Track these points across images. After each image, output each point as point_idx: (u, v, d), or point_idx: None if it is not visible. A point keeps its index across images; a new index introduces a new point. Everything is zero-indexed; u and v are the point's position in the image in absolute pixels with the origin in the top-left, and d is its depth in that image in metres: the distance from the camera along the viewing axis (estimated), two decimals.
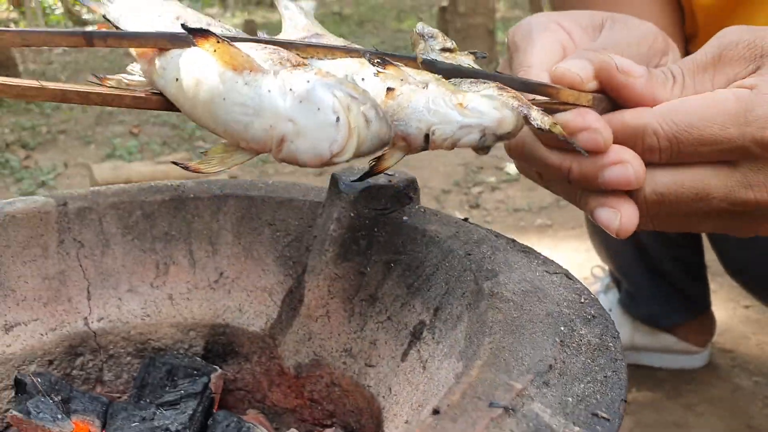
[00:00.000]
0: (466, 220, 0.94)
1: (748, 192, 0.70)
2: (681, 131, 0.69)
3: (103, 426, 0.91)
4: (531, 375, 0.60)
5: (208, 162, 0.61)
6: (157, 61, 0.66)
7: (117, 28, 0.73)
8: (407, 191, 0.96)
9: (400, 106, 0.63)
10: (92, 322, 0.99)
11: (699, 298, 2.10)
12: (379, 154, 0.68)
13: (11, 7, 9.96)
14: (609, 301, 2.17)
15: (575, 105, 0.76)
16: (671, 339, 2.10)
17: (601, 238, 2.00)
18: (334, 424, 0.97)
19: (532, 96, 0.76)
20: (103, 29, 0.67)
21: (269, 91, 0.57)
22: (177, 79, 0.63)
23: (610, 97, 0.76)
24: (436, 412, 0.56)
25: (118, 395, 1.00)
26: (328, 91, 0.56)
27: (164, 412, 0.84)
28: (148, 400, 0.93)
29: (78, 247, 1.00)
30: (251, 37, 0.70)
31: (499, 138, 0.62)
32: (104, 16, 0.75)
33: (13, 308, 0.96)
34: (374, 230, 0.93)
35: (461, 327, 0.76)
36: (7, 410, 0.94)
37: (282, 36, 0.86)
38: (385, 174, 0.97)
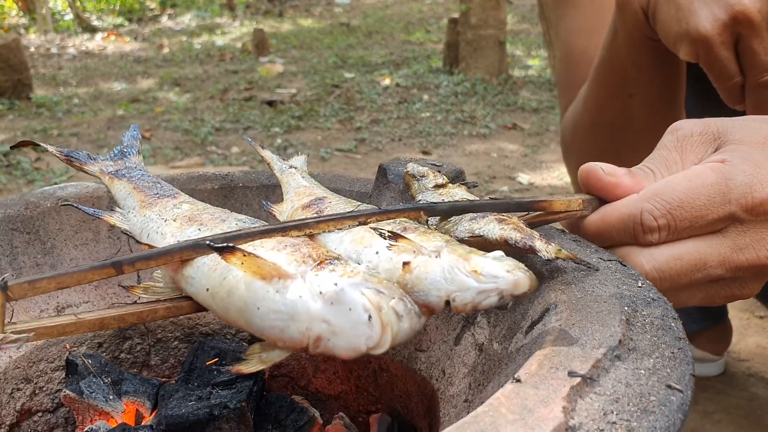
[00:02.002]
0: None
1: (740, 255, 0.75)
2: (674, 207, 0.75)
3: (154, 408, 0.92)
4: (603, 349, 0.61)
5: (247, 363, 0.62)
6: (183, 271, 0.68)
7: (138, 241, 0.75)
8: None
9: (418, 279, 0.65)
10: None
11: (716, 307, 2.11)
12: None
13: (21, 13, 10.03)
14: None
15: (567, 212, 0.83)
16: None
17: None
18: (379, 410, 0.98)
19: (526, 213, 0.82)
20: (130, 255, 0.66)
21: (300, 296, 0.59)
22: (207, 289, 0.65)
23: (600, 197, 0.82)
24: (517, 380, 0.57)
25: (164, 379, 1.01)
26: (356, 291, 0.58)
27: (220, 391, 0.85)
28: (196, 384, 0.94)
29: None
30: (267, 228, 0.71)
31: (517, 297, 0.64)
32: (116, 227, 0.77)
33: (65, 290, 0.97)
34: None
35: (521, 309, 0.77)
36: (58, 390, 0.95)
37: (286, 203, 0.89)
38: (434, 164, 0.99)
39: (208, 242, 0.64)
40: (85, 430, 0.87)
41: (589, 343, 0.62)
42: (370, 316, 0.57)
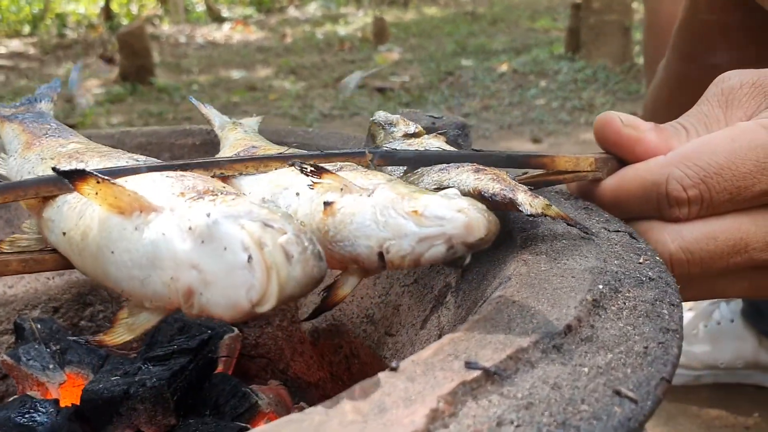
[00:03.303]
0: None
1: None
2: (710, 175, 0.58)
3: None
4: (537, 335, 0.45)
5: (113, 332, 0.50)
6: (44, 213, 0.55)
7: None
8: (456, 137, 0.81)
9: (342, 223, 0.50)
10: None
11: None
12: (329, 282, 0.55)
13: (159, 5, 10.49)
14: (731, 310, 1.91)
15: (575, 172, 0.67)
16: None
17: None
18: None
19: (522, 171, 0.68)
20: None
21: (163, 234, 0.45)
22: (64, 233, 0.52)
23: (618, 156, 0.67)
24: (393, 369, 0.42)
25: (128, 351, 0.91)
26: (234, 224, 0.43)
27: (150, 367, 0.74)
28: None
29: None
30: (159, 164, 0.57)
31: (472, 246, 0.48)
32: None
33: None
34: None
35: (483, 285, 0.61)
36: None
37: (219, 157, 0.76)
38: (432, 116, 0.84)
39: (52, 167, 0.52)
40: (9, 400, 0.78)
41: (520, 328, 0.46)
42: (250, 257, 0.42)
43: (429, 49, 6.94)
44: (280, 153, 0.63)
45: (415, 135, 0.71)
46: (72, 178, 0.47)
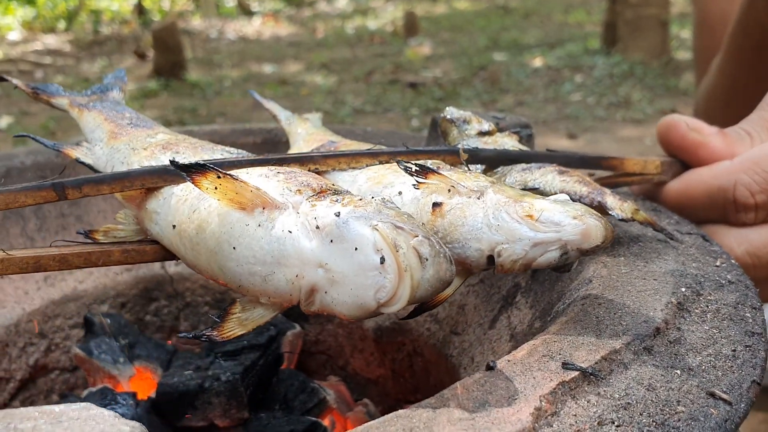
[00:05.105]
0: None
1: None
2: None
3: None
4: (628, 337, 0.45)
5: (225, 327, 0.50)
6: (147, 205, 0.56)
7: (96, 172, 0.64)
8: (525, 137, 0.82)
9: (452, 225, 0.51)
10: (170, 266, 0.93)
11: None
12: None
13: (190, 1, 10.57)
14: None
15: (642, 174, 0.70)
16: None
17: None
18: (418, 400, 0.85)
19: (592, 172, 0.70)
20: (78, 177, 0.56)
21: (290, 231, 0.46)
22: (174, 226, 0.53)
23: (681, 160, 0.70)
24: (489, 368, 0.43)
25: (189, 347, 0.94)
26: (365, 225, 0.44)
27: (222, 362, 0.76)
28: (217, 353, 0.86)
29: None
30: (260, 158, 0.58)
31: (587, 253, 0.48)
32: (77, 159, 0.66)
33: (89, 244, 0.92)
34: None
35: (558, 287, 0.62)
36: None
37: (293, 150, 0.77)
38: (495, 116, 0.85)
39: (171, 160, 0.52)
40: (84, 393, 0.80)
41: (610, 330, 0.47)
42: (382, 258, 0.43)
43: (461, 43, 6.92)
44: (370, 149, 0.64)
45: (488, 133, 0.72)
46: (190, 172, 0.48)
